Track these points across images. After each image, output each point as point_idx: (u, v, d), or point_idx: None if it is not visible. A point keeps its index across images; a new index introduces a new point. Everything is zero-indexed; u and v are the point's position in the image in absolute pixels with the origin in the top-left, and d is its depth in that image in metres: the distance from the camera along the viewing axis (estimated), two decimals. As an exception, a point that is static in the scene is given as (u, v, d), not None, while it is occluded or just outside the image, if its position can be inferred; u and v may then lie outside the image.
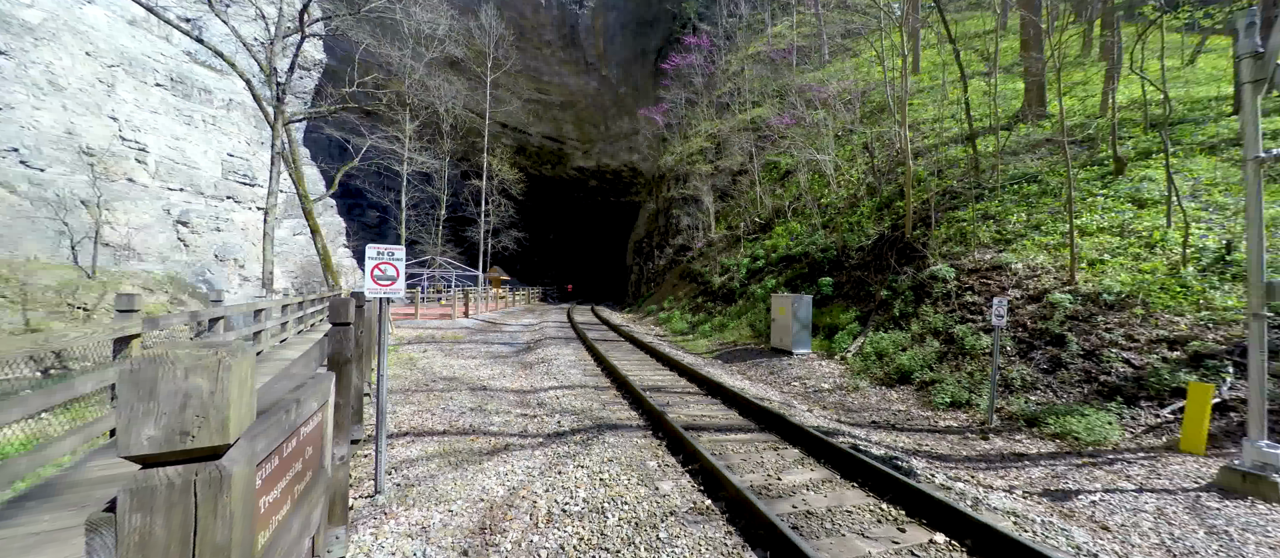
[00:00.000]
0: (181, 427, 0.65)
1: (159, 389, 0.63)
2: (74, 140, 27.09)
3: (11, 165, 24.93)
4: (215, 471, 0.68)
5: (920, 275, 10.55)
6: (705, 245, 23.40)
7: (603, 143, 54.33)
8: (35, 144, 25.66)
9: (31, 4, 26.75)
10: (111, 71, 29.16)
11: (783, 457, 4.58)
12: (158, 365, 0.63)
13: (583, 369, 8.70)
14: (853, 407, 7.80)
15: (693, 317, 17.75)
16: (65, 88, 27.16)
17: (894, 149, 16.93)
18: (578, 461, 4.27)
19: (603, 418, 5.64)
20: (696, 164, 29.82)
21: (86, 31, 28.45)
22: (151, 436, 0.64)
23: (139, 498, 0.63)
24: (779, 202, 20.81)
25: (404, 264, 3.45)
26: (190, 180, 31.26)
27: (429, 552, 2.93)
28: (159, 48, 31.40)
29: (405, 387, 7.31)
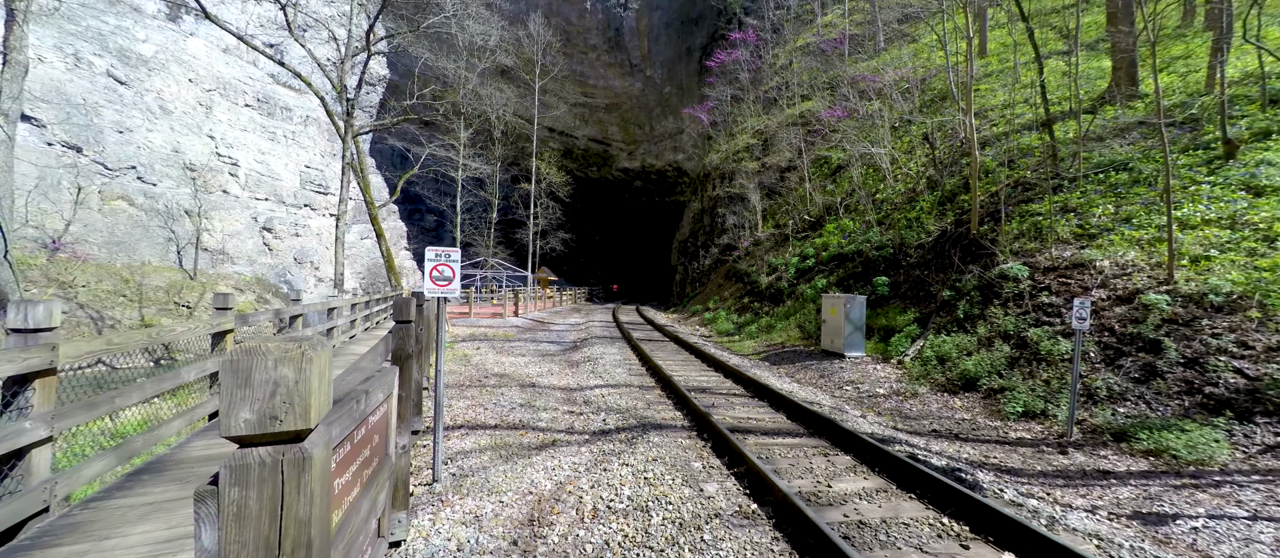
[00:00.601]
0: (271, 412, 0.74)
1: (253, 377, 0.72)
2: (179, 157, 30.57)
3: (130, 181, 28.48)
4: (298, 452, 0.77)
5: (988, 274, 9.81)
6: (752, 244, 22.93)
7: (647, 143, 54.52)
8: (149, 162, 29.18)
9: (146, 39, 30.43)
10: (209, 95, 32.65)
11: (833, 463, 4.41)
12: (252, 357, 0.72)
13: (628, 369, 8.79)
14: (911, 414, 7.39)
15: (739, 317, 17.44)
16: (172, 111, 30.71)
17: (958, 139, 15.85)
18: (623, 459, 4.33)
19: (647, 417, 5.67)
20: (742, 161, 29.28)
21: (189, 60, 32.00)
22: (247, 418, 0.74)
23: (236, 474, 0.72)
24: (830, 198, 20.03)
25: (459, 266, 3.64)
26: (274, 191, 34.42)
27: (482, 540, 3.07)
28: (248, 72, 34.79)
29: (459, 382, 7.69)
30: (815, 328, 12.67)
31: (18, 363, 2.22)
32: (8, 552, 2.24)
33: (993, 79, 19.52)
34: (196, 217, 29.01)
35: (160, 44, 31.23)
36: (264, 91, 35.91)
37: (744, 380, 7.77)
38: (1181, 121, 11.39)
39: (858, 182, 18.54)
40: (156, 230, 28.40)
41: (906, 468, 4.16)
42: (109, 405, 2.87)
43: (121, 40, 29.23)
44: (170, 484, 2.97)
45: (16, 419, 2.29)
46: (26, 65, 6.72)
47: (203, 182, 30.96)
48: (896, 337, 10.38)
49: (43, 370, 2.36)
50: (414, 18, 24.66)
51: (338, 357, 7.85)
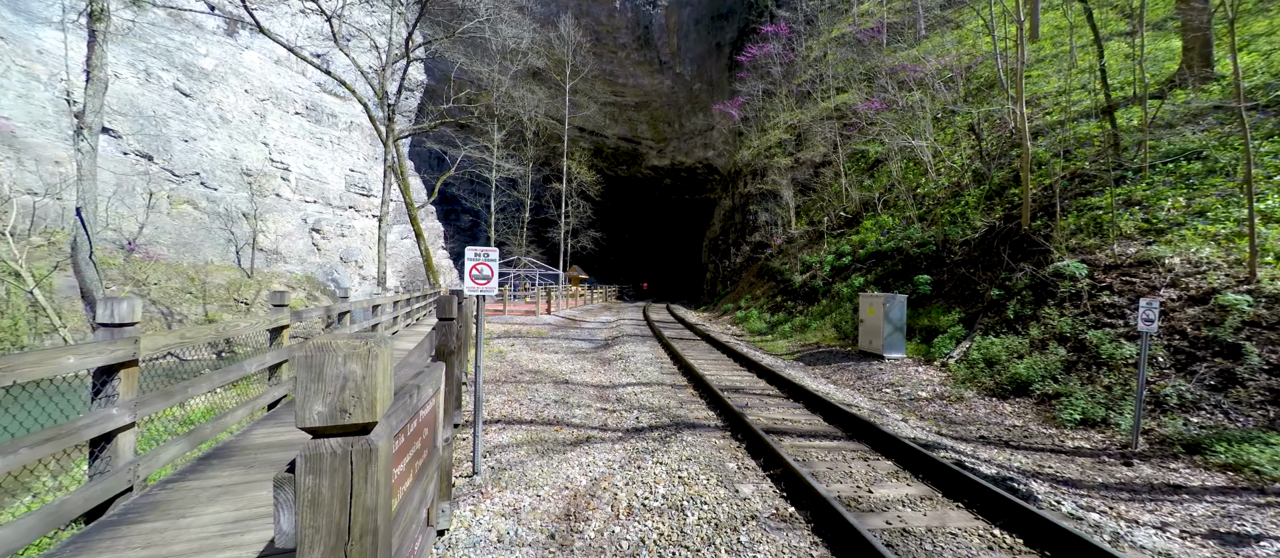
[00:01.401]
0: (341, 404, 0.78)
1: (325, 372, 0.76)
2: (237, 163, 32.62)
3: (195, 186, 30.60)
4: (366, 444, 0.81)
5: (1041, 272, 9.27)
6: (784, 242, 22.48)
7: (677, 140, 54.31)
8: (211, 168, 31.27)
9: (207, 53, 32.57)
10: (263, 105, 34.68)
11: (874, 468, 4.27)
12: (324, 353, 0.76)
13: (659, 367, 8.79)
14: (956, 419, 7.07)
15: (771, 316, 17.14)
16: (231, 120, 32.79)
17: (1006, 129, 15.02)
18: (656, 457, 4.33)
19: (680, 416, 5.65)
20: (775, 157, 28.74)
21: (245, 73, 34.07)
22: (319, 411, 0.78)
23: (310, 463, 0.77)
24: (867, 194, 19.39)
25: (498, 264, 3.73)
26: (321, 193, 36.25)
27: (520, 532, 3.14)
28: (297, 82, 36.73)
29: (495, 378, 7.89)
30: (852, 328, 12.31)
31: (106, 354, 2.42)
32: (98, 526, 2.45)
33: (1046, 64, 18.40)
34: (253, 219, 30.94)
35: (219, 58, 33.37)
36: (312, 100, 37.84)
37: (778, 381, 7.63)
38: (1264, 105, 10.41)
39: (897, 176, 17.87)
40: (217, 232, 30.43)
41: (953, 475, 3.98)
42: (182, 394, 3.11)
43: (186, 55, 31.39)
44: (236, 469, 3.18)
45: (105, 406, 2.51)
46: (106, 82, 7.32)
47: (258, 186, 32.95)
48: (940, 338, 9.95)
49: (127, 362, 2.57)
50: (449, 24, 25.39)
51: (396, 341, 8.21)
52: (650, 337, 13.87)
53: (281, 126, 35.26)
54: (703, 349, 11.20)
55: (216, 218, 30.56)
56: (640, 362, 9.14)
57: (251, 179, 32.63)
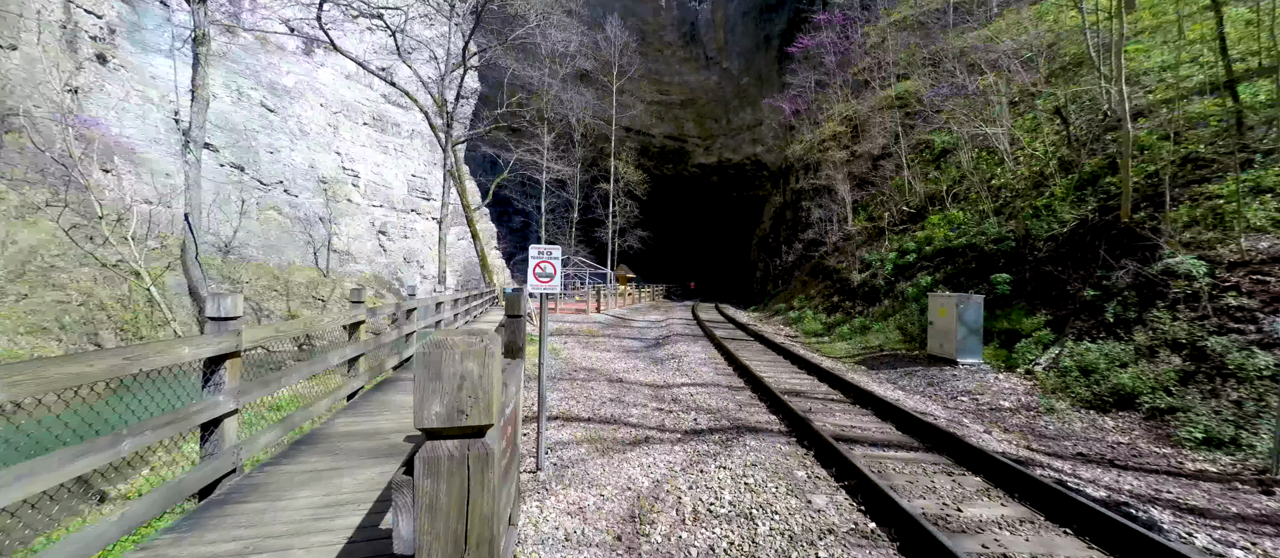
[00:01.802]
0: (458, 405, 0.73)
1: (443, 370, 0.72)
2: (314, 172, 35.42)
3: (279, 194, 33.51)
4: (482, 448, 0.76)
5: (1148, 270, 8.25)
6: (841, 239, 21.48)
7: (724, 137, 53.45)
8: (292, 177, 34.13)
9: (288, 72, 35.54)
10: (336, 117, 37.45)
11: (960, 484, 3.91)
12: (441, 350, 0.71)
13: (714, 368, 8.59)
14: (1047, 433, 6.41)
15: (828, 317, 16.42)
16: (309, 132, 35.65)
17: (1100, 111, 13.54)
18: (719, 461, 4.19)
19: (740, 419, 5.47)
20: (829, 151, 27.57)
21: (320, 88, 36.91)
22: (437, 411, 0.74)
23: (428, 466, 0.73)
24: (933, 187, 18.14)
25: (561, 263, 3.73)
26: (386, 198, 38.66)
27: (587, 532, 3.12)
28: (365, 94, 39.36)
29: (551, 375, 8.02)
30: (919, 331, 11.54)
31: (214, 346, 2.61)
32: (209, 504, 2.65)
33: (1146, 37, 16.44)
34: (328, 223, 33.51)
35: (299, 76, 36.32)
36: (378, 110, 40.40)
37: (842, 385, 7.24)
38: None
39: (968, 167, 16.58)
40: (298, 235, 33.18)
41: (1056, 496, 3.56)
42: (277, 384, 3.33)
43: (271, 75, 34.41)
44: (323, 456, 3.36)
45: (213, 393, 2.70)
46: (208, 100, 8.10)
47: (332, 192, 35.64)
48: (1023, 343, 9.10)
49: (232, 353, 2.77)
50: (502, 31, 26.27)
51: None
52: (701, 337, 13.65)
53: (351, 136, 37.96)
54: (757, 350, 10.87)
55: (297, 222, 33.38)
56: (694, 362, 8.98)
57: (326, 186, 35.36)
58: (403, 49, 21.73)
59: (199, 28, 7.77)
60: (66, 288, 19.78)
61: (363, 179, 38.05)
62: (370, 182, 38.10)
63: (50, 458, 1.75)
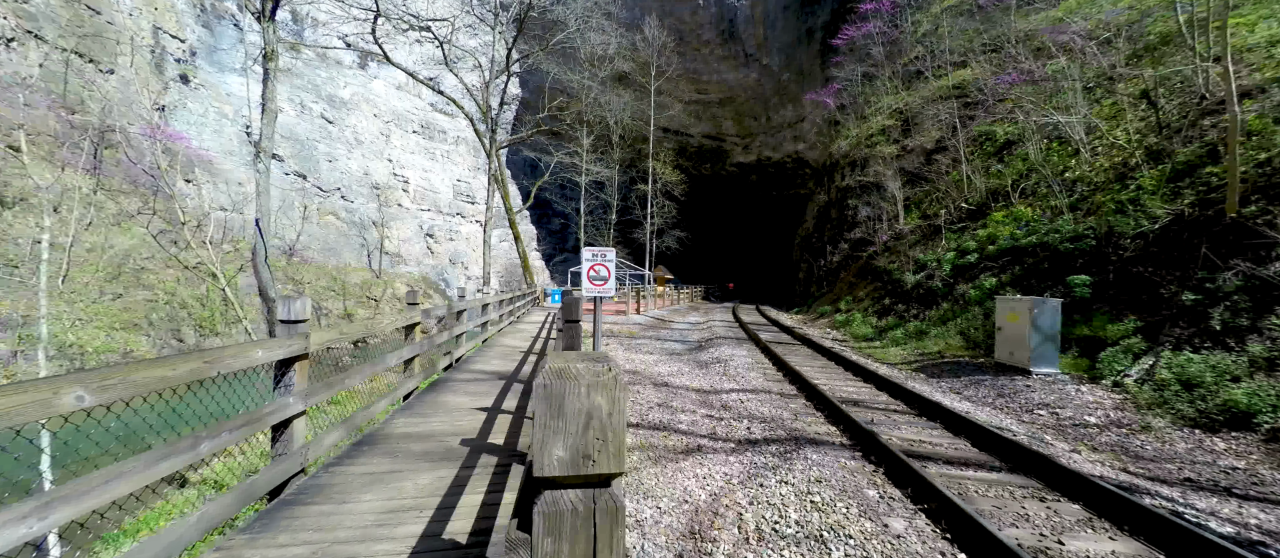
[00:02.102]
0: (584, 449, 0.60)
1: (566, 406, 0.59)
2: (368, 179, 37.33)
3: (336, 200, 35.52)
4: (610, 500, 0.63)
5: (1263, 271, 7.29)
6: (891, 238, 20.44)
7: (764, 135, 52.34)
8: (348, 184, 36.11)
9: (345, 85, 37.62)
10: (387, 126, 39.33)
11: (1056, 512, 3.50)
12: (564, 382, 0.58)
13: (762, 373, 8.28)
14: (1145, 454, 5.74)
15: (878, 321, 15.62)
16: (363, 141, 37.61)
17: (1195, 93, 12.18)
18: (779, 475, 3.96)
19: (797, 430, 5.18)
20: (877, 146, 26.38)
21: (373, 99, 38.86)
22: (560, 456, 0.61)
23: (550, 522, 0.60)
24: (995, 182, 16.94)
25: (615, 265, 3.63)
26: (433, 203, 40.23)
27: (647, 547, 2.98)
28: (414, 104, 41.14)
29: (595, 377, 7.98)
30: (984, 336, 10.74)
31: (285, 349, 2.65)
32: (278, 504, 2.70)
33: (1248, 8, 14.67)
34: (380, 226, 35.22)
35: (354, 88, 38.36)
36: (426, 118, 42.11)
37: (903, 395, 6.78)
38: None
39: (1036, 159, 15.35)
40: (353, 238, 35.04)
41: (1175, 531, 3.11)
42: (341, 385, 3.39)
43: (329, 88, 36.52)
44: (383, 457, 3.40)
45: (284, 395, 2.76)
46: (277, 113, 8.57)
47: (384, 198, 37.43)
48: (1109, 351, 8.26)
49: (300, 355, 2.81)
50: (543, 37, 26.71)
51: (493, 348, 8.70)
52: (745, 339, 13.29)
53: (402, 144, 39.77)
54: (805, 355, 10.43)
55: (352, 226, 35.28)
56: (740, 367, 8.69)
57: (379, 192, 37.19)
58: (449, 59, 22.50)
59: (269, 45, 8.23)
60: (154, 288, 21.70)
61: (412, 184, 39.77)
62: (418, 187, 39.78)
63: (136, 461, 1.79)
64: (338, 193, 35.17)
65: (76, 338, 17.38)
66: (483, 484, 2.95)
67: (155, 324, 20.35)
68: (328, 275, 30.92)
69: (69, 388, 1.52)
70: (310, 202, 33.38)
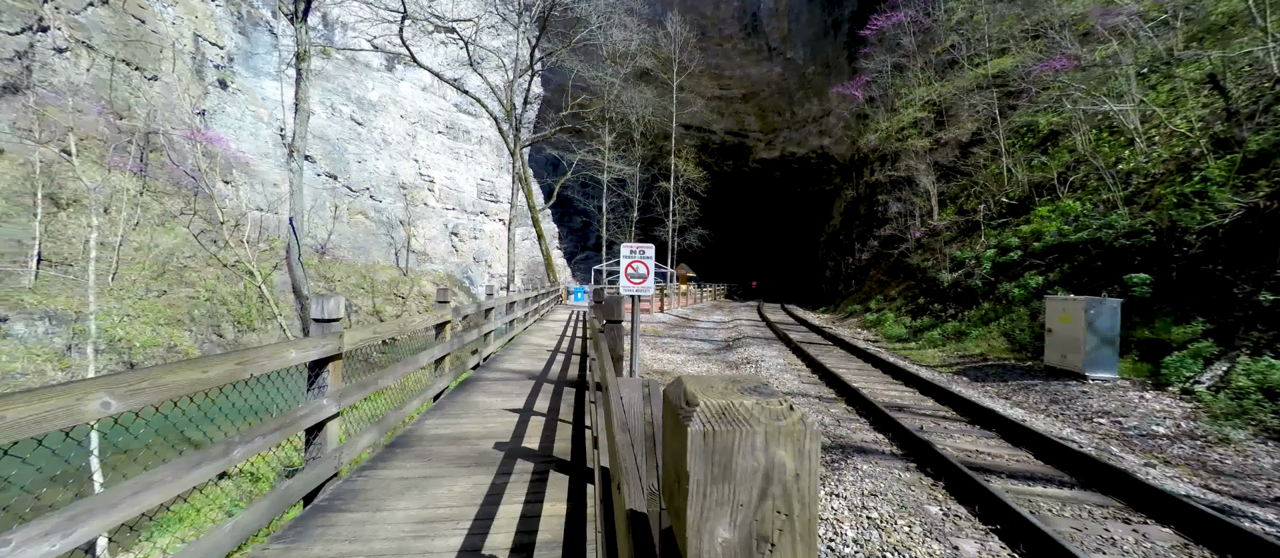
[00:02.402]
0: (761, 529, 0.40)
1: (734, 464, 0.39)
2: (396, 179, 38.08)
3: (365, 199, 36.35)
4: None
5: (1361, 269, 6.61)
6: (924, 235, 19.68)
7: (787, 130, 51.37)
8: (377, 184, 36.91)
9: (372, 88, 38.41)
10: (413, 127, 40.04)
11: (1145, 537, 3.15)
12: (734, 431, 0.39)
13: (797, 375, 7.97)
14: (1225, 469, 5.24)
15: (912, 321, 15.03)
16: (391, 142, 38.38)
17: (1269, 76, 11.24)
18: (828, 487, 3.70)
19: (842, 438, 4.89)
20: (909, 139, 25.49)
21: (400, 101, 39.60)
22: (726, 540, 0.41)
23: None
24: (1039, 174, 16.09)
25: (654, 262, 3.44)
26: (458, 201, 40.80)
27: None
28: (439, 105, 41.77)
29: (623, 377, 7.83)
30: (1030, 338, 10.17)
31: (319, 349, 2.55)
32: (312, 511, 2.61)
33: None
34: (407, 225, 35.91)
35: (382, 91, 39.13)
36: (451, 119, 42.71)
37: (950, 400, 6.39)
38: None
39: (1085, 149, 14.49)
40: (381, 237, 35.83)
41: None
42: (374, 386, 3.30)
43: (358, 91, 37.35)
44: (416, 461, 3.29)
45: (317, 396, 2.66)
46: (309, 113, 8.68)
47: (410, 197, 38.14)
48: (1175, 355, 7.65)
49: (334, 355, 2.71)
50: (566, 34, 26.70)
51: (519, 347, 8.63)
52: (774, 339, 12.94)
53: (427, 144, 40.46)
54: (840, 356, 10.04)
55: (381, 225, 36.07)
56: (774, 368, 8.40)
57: (406, 191, 37.91)
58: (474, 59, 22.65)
59: (301, 45, 8.32)
60: (196, 285, 22.57)
61: (437, 184, 40.42)
62: (444, 186, 40.40)
63: (166, 470, 1.69)
64: (367, 193, 35.98)
65: (125, 333, 18.19)
66: (520, 493, 2.81)
67: (196, 320, 21.16)
68: (357, 273, 31.69)
69: (95, 394, 1.41)
70: (340, 201, 34.24)
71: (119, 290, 19.26)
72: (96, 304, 17.95)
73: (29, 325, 16.16)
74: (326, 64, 35.69)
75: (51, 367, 16.58)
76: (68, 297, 17.68)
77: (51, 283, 17.65)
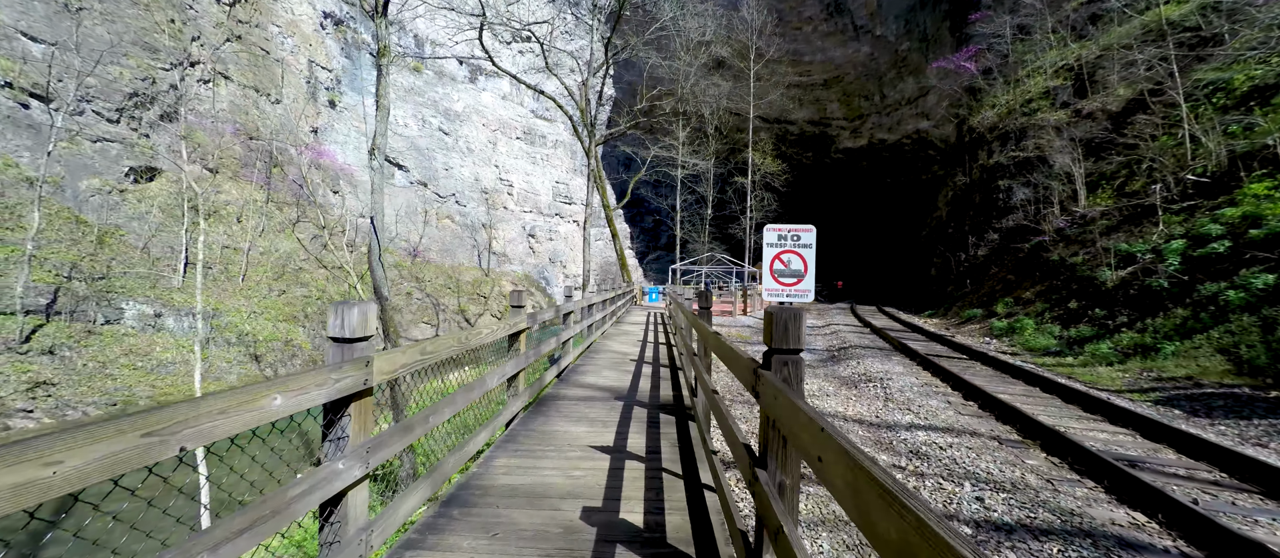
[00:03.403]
0: None
1: None
2: (478, 184, 39.84)
3: (452, 205, 38.35)
4: None
5: None
6: (1069, 225, 16.28)
7: (876, 116, 47.01)
8: (461, 189, 38.82)
9: (458, 99, 40.46)
10: (494, 134, 41.69)
11: None
12: None
13: (945, 401, 6.26)
14: None
15: (1062, 329, 12.21)
16: (474, 150, 40.24)
17: None
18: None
19: (1070, 512, 3.32)
20: (1038, 112, 21.67)
21: (482, 110, 41.38)
22: None
23: None
24: (1242, 143, 12.47)
25: (813, 253, 2.27)
26: (535, 204, 41.86)
27: None
28: (517, 112, 43.17)
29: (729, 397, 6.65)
30: (1268, 357, 7.49)
31: (331, 387, 1.69)
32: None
33: None
34: (488, 228, 37.39)
35: (466, 102, 41.10)
36: (528, 125, 43.97)
37: (1205, 451, 4.45)
38: None
39: (1330, 105, 10.86)
40: (466, 239, 37.59)
41: None
42: (423, 426, 2.46)
43: (445, 103, 39.51)
44: (477, 536, 2.37)
45: (333, 455, 1.81)
46: (389, 109, 8.47)
47: (491, 201, 39.70)
48: None
49: (357, 394, 1.85)
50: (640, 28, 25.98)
51: (597, 354, 7.77)
52: (889, 349, 11.02)
53: (506, 150, 41.96)
54: (988, 375, 8.05)
55: (465, 229, 37.87)
56: (906, 389, 6.73)
57: (487, 195, 39.53)
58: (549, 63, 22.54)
59: (382, 41, 8.12)
60: (309, 285, 24.78)
61: (515, 188, 41.76)
62: (521, 189, 41.65)
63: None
64: (453, 198, 37.94)
65: (251, 328, 20.22)
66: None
67: (310, 316, 23.16)
68: (444, 274, 33.40)
69: None
70: (430, 207, 36.39)
71: (247, 290, 21.50)
72: (226, 303, 20.09)
73: (177, 320, 18.32)
74: (417, 80, 38.20)
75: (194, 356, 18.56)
76: (208, 295, 19.93)
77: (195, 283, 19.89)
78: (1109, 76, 19.88)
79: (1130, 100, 18.57)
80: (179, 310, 18.44)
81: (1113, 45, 20.27)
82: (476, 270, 35.75)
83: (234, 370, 18.60)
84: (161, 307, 18.10)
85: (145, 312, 17.69)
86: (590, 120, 19.12)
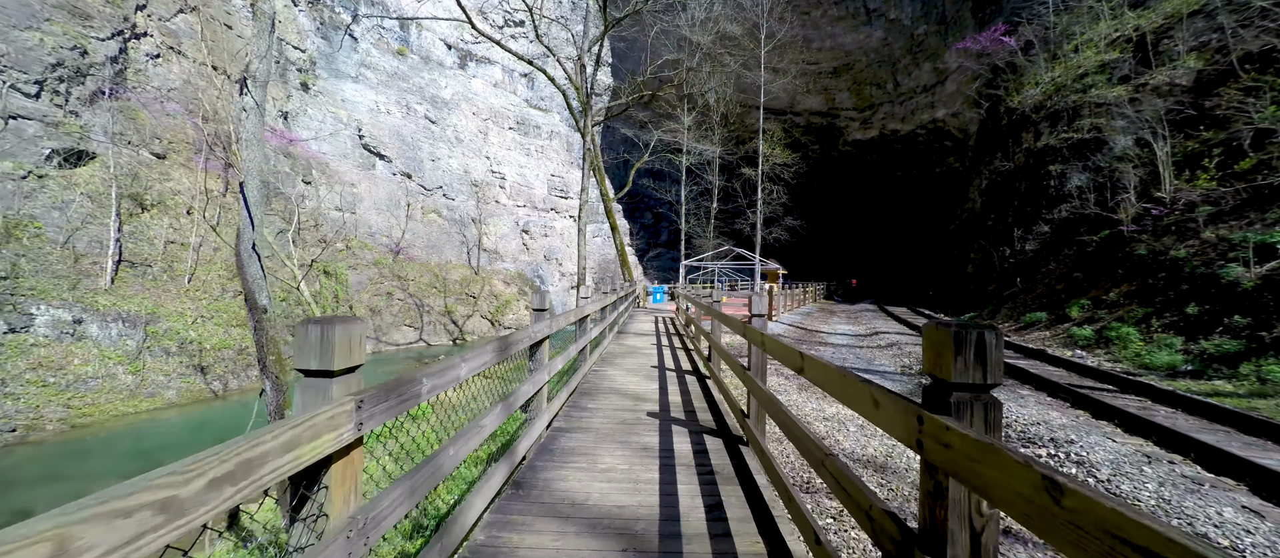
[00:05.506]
0: None
1: None
2: (468, 177, 37.11)
3: (439, 198, 35.62)
4: None
5: None
6: (1166, 213, 13.75)
7: (888, 105, 44.56)
8: (450, 182, 36.09)
9: (446, 86, 37.70)
10: (485, 124, 38.95)
11: None
12: None
13: (1187, 483, 3.72)
14: None
15: (1192, 342, 9.67)
16: (463, 140, 37.51)
17: None
18: None
19: None
20: (1094, 88, 19.22)
21: (472, 98, 38.65)
22: None
23: None
24: None
25: None
26: (528, 198, 39.13)
27: None
28: (510, 101, 40.45)
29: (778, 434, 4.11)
30: None
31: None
32: None
33: None
34: (479, 224, 34.59)
35: (455, 89, 38.27)
36: (521, 114, 41.18)
37: None
38: None
39: None
40: (454, 235, 34.79)
41: None
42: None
43: (432, 90, 36.68)
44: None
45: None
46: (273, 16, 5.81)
47: (481, 194, 36.90)
48: None
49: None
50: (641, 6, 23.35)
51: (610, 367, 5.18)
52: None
53: (499, 141, 39.20)
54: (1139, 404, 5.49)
55: (453, 224, 35.11)
56: (1113, 463, 4.18)
57: (477, 188, 36.76)
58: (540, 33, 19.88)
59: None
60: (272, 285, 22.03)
61: (508, 181, 38.98)
62: (515, 183, 38.91)
63: None
64: (440, 191, 35.22)
65: (197, 335, 17.54)
66: None
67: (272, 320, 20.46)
68: (430, 273, 30.66)
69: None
70: (415, 200, 33.65)
71: (194, 291, 18.80)
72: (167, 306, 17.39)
73: (103, 327, 15.61)
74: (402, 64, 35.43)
75: (123, 370, 15.87)
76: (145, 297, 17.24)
77: (129, 283, 17.19)
78: (1176, 45, 17.47)
79: (1199, 71, 16.18)
80: (104, 316, 15.71)
81: (1179, 12, 17.86)
82: (465, 268, 33.02)
83: (174, 385, 15.95)
84: (82, 312, 15.37)
85: (62, 318, 14.97)
86: (586, 91, 16.54)
